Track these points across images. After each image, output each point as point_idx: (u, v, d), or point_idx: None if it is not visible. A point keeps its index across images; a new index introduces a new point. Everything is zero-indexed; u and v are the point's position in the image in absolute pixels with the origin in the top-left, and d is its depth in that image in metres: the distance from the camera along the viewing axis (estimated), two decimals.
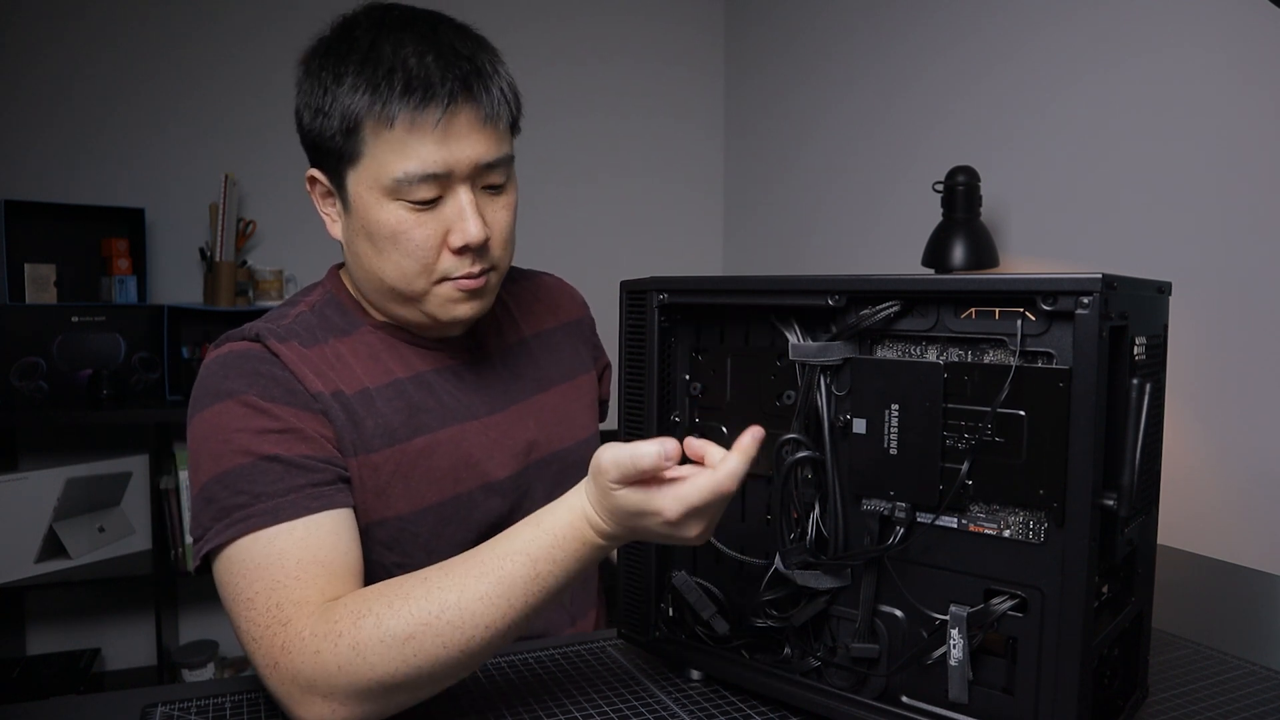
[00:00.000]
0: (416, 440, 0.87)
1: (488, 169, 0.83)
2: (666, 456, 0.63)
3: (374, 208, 0.82)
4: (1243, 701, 0.75)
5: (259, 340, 0.84)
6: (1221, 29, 1.37)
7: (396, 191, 0.80)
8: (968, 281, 0.62)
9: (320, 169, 0.86)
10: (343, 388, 0.85)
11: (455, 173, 0.81)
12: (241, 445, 0.77)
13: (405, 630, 0.66)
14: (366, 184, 0.81)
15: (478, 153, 0.81)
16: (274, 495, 0.75)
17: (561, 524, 0.68)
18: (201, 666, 2.17)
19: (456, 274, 0.84)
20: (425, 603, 0.66)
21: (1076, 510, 0.58)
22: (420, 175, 0.79)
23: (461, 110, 0.80)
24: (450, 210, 0.82)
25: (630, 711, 0.73)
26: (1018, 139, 1.76)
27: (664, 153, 2.83)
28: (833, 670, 0.70)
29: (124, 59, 2.27)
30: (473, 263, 0.84)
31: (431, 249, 0.82)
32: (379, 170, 0.80)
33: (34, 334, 2.07)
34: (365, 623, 0.66)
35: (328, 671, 0.66)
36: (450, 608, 0.66)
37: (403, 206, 0.81)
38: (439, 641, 0.66)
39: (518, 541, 0.68)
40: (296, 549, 0.73)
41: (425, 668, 0.66)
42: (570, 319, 1.09)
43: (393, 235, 0.82)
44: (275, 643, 0.68)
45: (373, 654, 0.65)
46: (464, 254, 0.83)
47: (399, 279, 0.84)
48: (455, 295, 0.85)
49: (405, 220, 0.81)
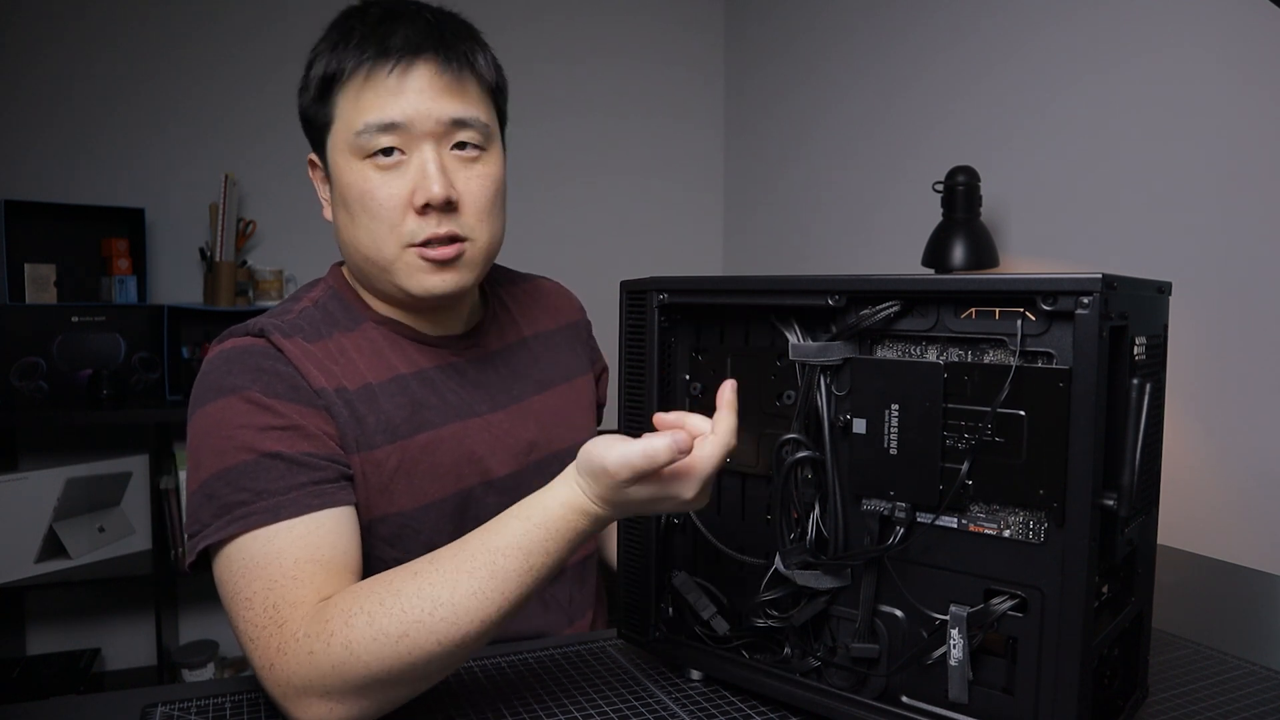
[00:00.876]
0: (419, 436, 0.87)
1: (456, 127, 0.84)
2: (680, 450, 0.64)
3: (345, 170, 0.84)
4: (1243, 701, 0.75)
5: (263, 335, 0.84)
6: (1221, 29, 1.37)
7: (361, 149, 0.83)
8: (968, 281, 0.62)
9: (315, 151, 0.89)
10: (346, 383, 0.85)
11: (413, 125, 0.82)
12: (244, 442, 0.77)
13: (398, 628, 0.65)
14: (339, 148, 0.85)
15: (440, 107, 0.82)
16: (276, 493, 0.75)
17: (554, 518, 0.68)
18: (201, 666, 2.17)
19: (420, 237, 0.83)
20: (417, 599, 0.66)
21: (1076, 510, 0.58)
22: (377, 125, 0.81)
23: (422, 64, 0.82)
24: (414, 168, 0.83)
25: (630, 711, 0.73)
26: (1018, 139, 1.76)
27: (664, 153, 2.83)
28: (833, 670, 0.70)
29: (124, 59, 2.27)
30: (439, 224, 0.83)
31: (396, 209, 0.83)
32: (345, 129, 0.83)
33: (34, 334, 2.07)
34: (357, 621, 0.66)
35: (322, 671, 0.66)
36: (443, 604, 0.66)
37: (369, 165, 0.83)
38: (433, 638, 0.66)
39: (508, 535, 0.68)
40: (295, 548, 0.73)
41: (420, 663, 0.66)
42: (568, 321, 1.10)
43: (360, 196, 0.83)
44: (271, 644, 0.68)
45: (366, 652, 0.65)
46: (428, 214, 0.83)
47: (370, 245, 0.85)
48: (423, 265, 0.84)
49: (371, 179, 0.83)
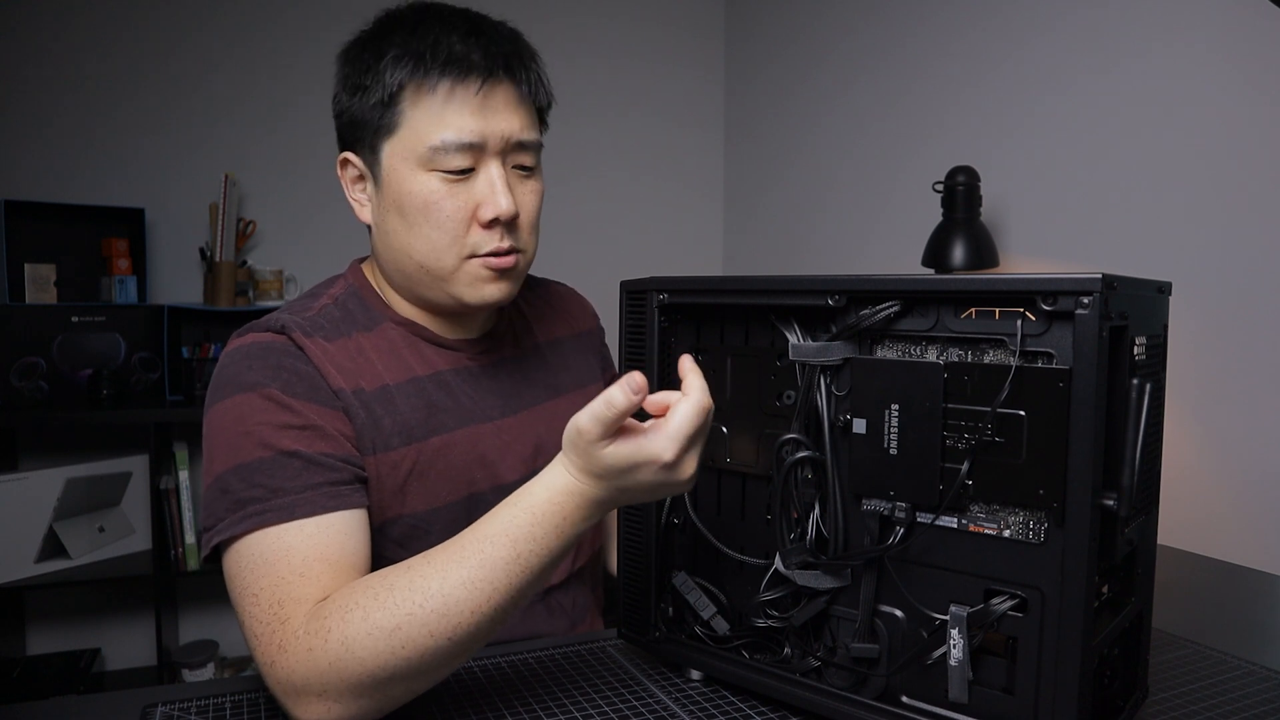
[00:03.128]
0: (433, 439, 0.88)
1: (519, 149, 0.86)
2: (635, 390, 0.62)
3: (407, 179, 0.84)
4: (1243, 701, 0.75)
5: (284, 332, 0.84)
6: (1221, 29, 1.37)
7: (431, 161, 0.82)
8: (968, 281, 0.62)
9: (354, 149, 0.88)
10: (364, 384, 0.85)
11: (489, 145, 0.83)
12: (261, 438, 0.77)
13: (391, 622, 0.65)
14: (401, 155, 0.84)
15: (513, 128, 0.84)
16: (291, 491, 0.75)
17: (539, 501, 0.67)
18: (201, 666, 2.17)
19: (484, 250, 0.84)
20: (409, 592, 0.66)
21: (1076, 510, 0.58)
22: (456, 144, 0.82)
23: (500, 85, 0.84)
24: (481, 184, 0.84)
25: (630, 711, 0.73)
26: (1018, 139, 1.76)
27: (664, 153, 2.83)
28: (833, 670, 0.70)
29: (124, 59, 2.27)
30: (501, 238, 0.85)
31: (461, 221, 0.84)
32: (415, 140, 0.83)
33: (34, 334, 2.07)
34: (352, 616, 0.66)
35: (320, 669, 0.65)
36: (434, 595, 0.65)
37: (435, 177, 0.83)
38: (425, 630, 0.65)
39: (497, 523, 0.67)
40: (304, 546, 0.73)
41: (414, 658, 0.65)
42: (582, 329, 1.10)
43: (424, 206, 0.83)
44: (274, 641, 0.68)
45: (361, 648, 0.65)
46: (493, 228, 0.84)
47: (428, 254, 0.85)
48: (483, 274, 0.86)
49: (437, 191, 0.83)
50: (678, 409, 0.65)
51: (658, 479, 0.66)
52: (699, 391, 0.66)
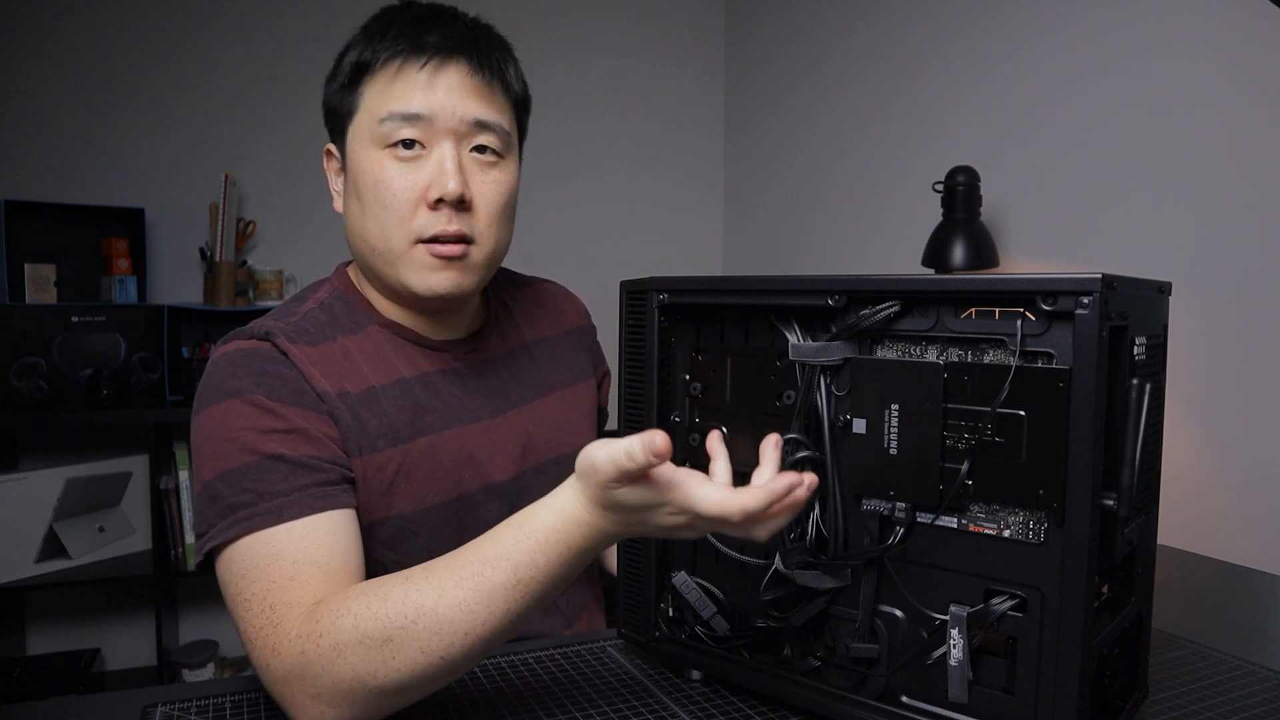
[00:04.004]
0: (420, 440, 0.87)
1: (477, 129, 0.85)
2: (655, 453, 0.57)
3: (362, 158, 0.85)
4: (1243, 701, 0.75)
5: (268, 339, 0.84)
6: (1221, 29, 1.37)
7: (382, 137, 0.84)
8: (968, 281, 0.62)
9: (334, 140, 0.91)
10: (349, 387, 0.85)
11: (438, 120, 0.83)
12: (247, 444, 0.77)
13: (383, 633, 0.64)
14: (359, 137, 0.86)
15: (465, 106, 0.84)
16: (278, 494, 0.75)
17: (544, 527, 0.65)
18: (201, 666, 2.17)
19: (430, 232, 0.84)
20: (403, 605, 0.65)
21: (1076, 510, 0.58)
22: (401, 114, 0.83)
23: (452, 63, 0.84)
24: (432, 163, 0.84)
25: (630, 711, 0.73)
26: (1018, 139, 1.76)
27: (664, 153, 2.83)
28: (833, 670, 0.70)
29: (124, 59, 2.27)
30: (449, 221, 0.84)
31: (409, 201, 0.84)
32: (368, 118, 0.85)
33: (34, 334, 2.07)
34: (344, 623, 0.65)
35: (313, 672, 0.65)
36: (428, 613, 0.64)
37: (388, 156, 0.84)
38: (416, 646, 0.64)
39: (499, 546, 0.66)
40: (294, 549, 0.73)
41: (405, 670, 0.64)
42: (572, 326, 1.09)
43: (375, 185, 0.84)
44: (268, 644, 0.68)
45: (352, 654, 0.64)
46: (440, 209, 0.84)
47: (379, 236, 0.85)
48: (430, 261, 0.85)
49: (388, 168, 0.84)
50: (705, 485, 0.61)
51: (673, 523, 0.63)
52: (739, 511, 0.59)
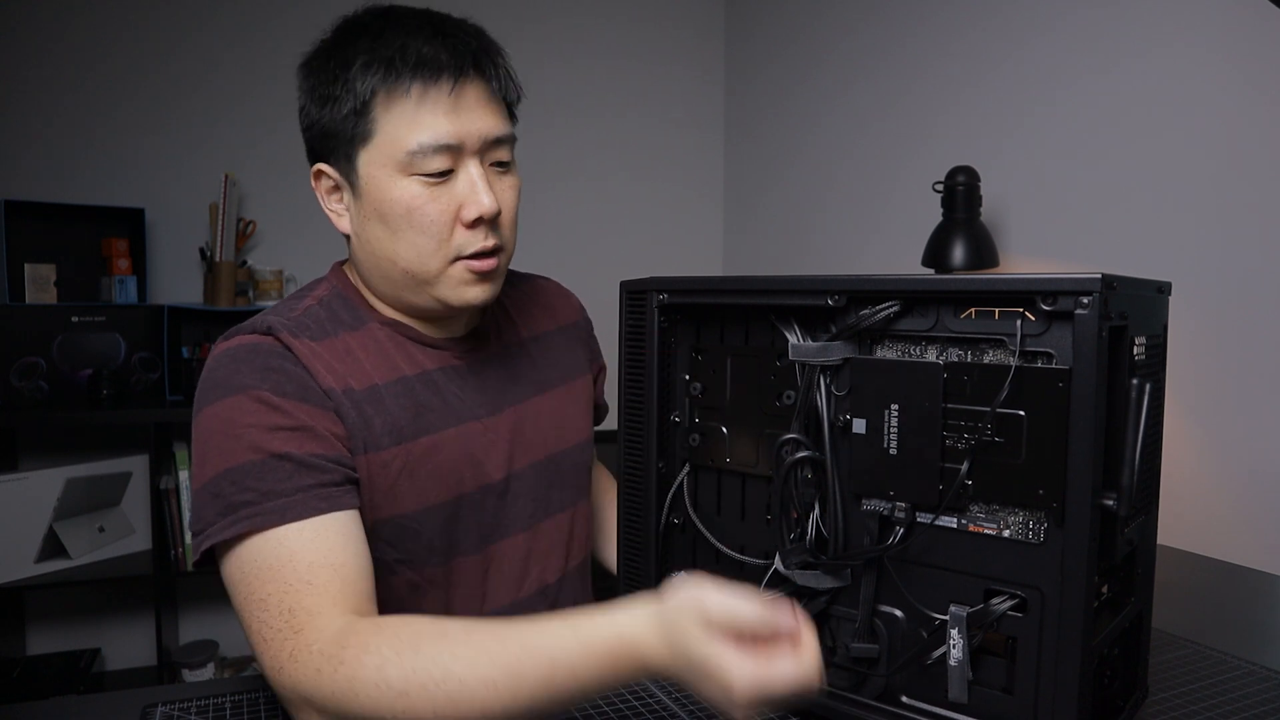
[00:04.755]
0: (422, 439, 0.87)
1: (495, 145, 0.85)
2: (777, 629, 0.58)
3: (387, 186, 0.83)
4: (1243, 701, 0.75)
5: (271, 333, 0.83)
6: (1221, 29, 1.37)
7: (409, 166, 0.82)
8: (968, 281, 0.62)
9: (328, 160, 0.87)
10: (353, 384, 0.85)
11: (466, 145, 0.83)
12: (252, 441, 0.76)
13: (401, 685, 0.64)
14: (379, 163, 0.83)
15: (487, 126, 0.84)
16: (282, 494, 0.74)
17: (598, 639, 0.63)
18: (201, 666, 2.17)
19: (470, 250, 0.84)
20: (431, 665, 0.64)
21: (1076, 510, 0.58)
22: (433, 146, 0.81)
23: (470, 84, 0.83)
24: (462, 184, 0.83)
25: (630, 711, 0.73)
26: (1018, 139, 1.76)
27: (664, 153, 2.83)
28: (833, 670, 0.70)
29: (124, 59, 2.27)
30: (486, 237, 0.85)
31: (445, 224, 0.83)
32: (391, 146, 0.82)
33: (34, 334, 2.06)
34: (368, 660, 0.65)
35: (322, 693, 0.66)
36: (452, 679, 0.63)
37: (416, 182, 0.82)
38: (431, 706, 0.63)
39: (545, 637, 0.64)
40: (307, 551, 0.72)
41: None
42: (567, 322, 1.10)
43: (407, 212, 0.83)
44: (285, 649, 0.68)
45: (364, 694, 0.64)
46: (477, 227, 0.84)
47: (413, 259, 0.84)
48: (468, 277, 0.86)
49: (419, 196, 0.82)
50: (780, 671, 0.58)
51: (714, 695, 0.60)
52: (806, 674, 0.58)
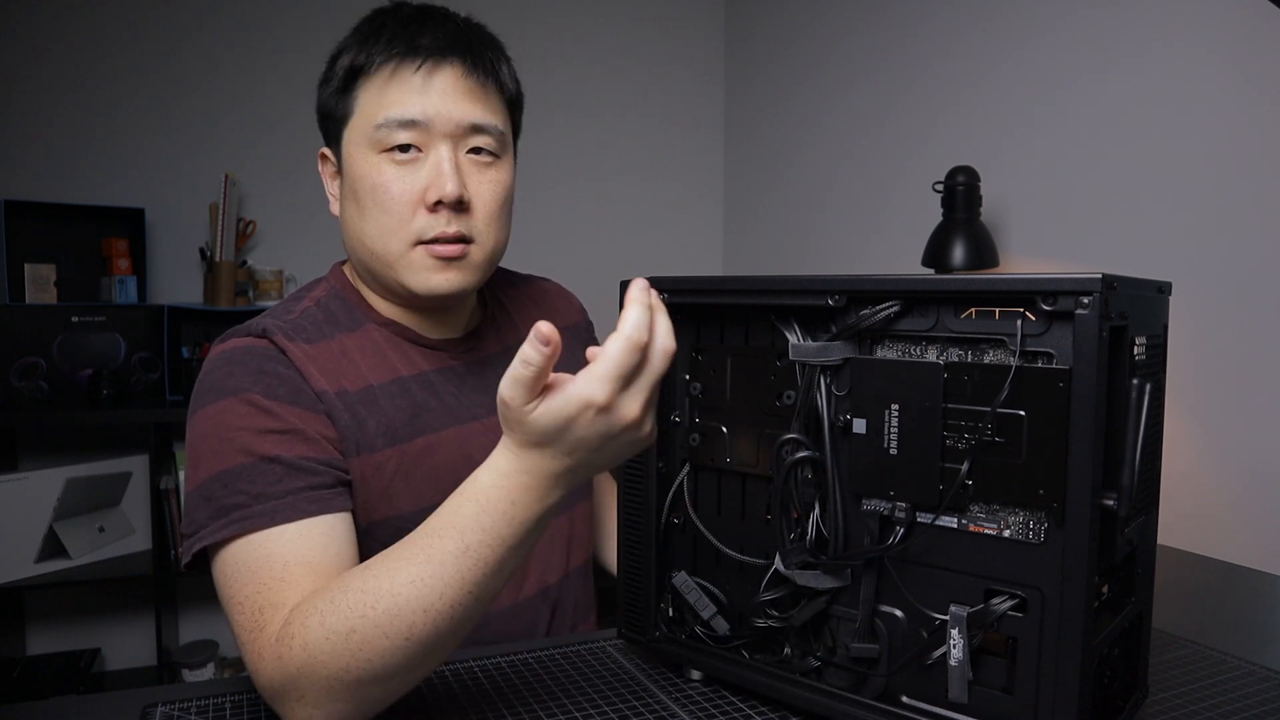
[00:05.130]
0: (418, 440, 0.87)
1: (475, 133, 0.85)
2: (544, 340, 0.57)
3: (359, 162, 0.85)
4: (1243, 701, 0.75)
5: (266, 336, 0.84)
6: (1221, 29, 1.37)
7: (379, 142, 0.84)
8: (968, 281, 0.62)
9: (328, 144, 0.90)
10: (347, 386, 0.85)
11: (434, 125, 0.83)
12: (243, 444, 0.77)
13: (346, 625, 0.63)
14: (355, 141, 0.86)
15: (462, 110, 0.84)
16: (273, 496, 0.75)
17: (483, 487, 0.62)
18: (201, 666, 2.17)
19: (430, 234, 0.84)
20: (361, 594, 0.63)
21: (1076, 510, 0.58)
22: (398, 120, 0.83)
23: (446, 65, 0.84)
24: (430, 166, 0.84)
25: (630, 711, 0.73)
26: (1018, 139, 1.76)
27: (664, 153, 2.83)
28: (833, 670, 0.70)
29: (124, 59, 2.27)
30: (448, 222, 0.84)
31: (407, 204, 0.84)
32: (364, 122, 0.85)
33: (34, 334, 2.07)
34: (311, 621, 0.64)
35: (289, 674, 0.64)
36: (384, 596, 0.62)
37: (385, 160, 0.84)
38: (379, 632, 0.62)
39: (443, 516, 0.64)
40: (284, 552, 0.72)
41: (376, 660, 0.63)
42: (569, 324, 1.09)
43: (373, 189, 0.84)
44: (254, 648, 0.68)
45: (320, 652, 0.63)
46: (439, 211, 0.84)
47: (377, 238, 0.85)
48: (429, 262, 0.85)
49: (386, 173, 0.84)
50: (606, 345, 0.59)
51: (601, 429, 0.60)
52: (631, 326, 0.59)
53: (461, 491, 0.64)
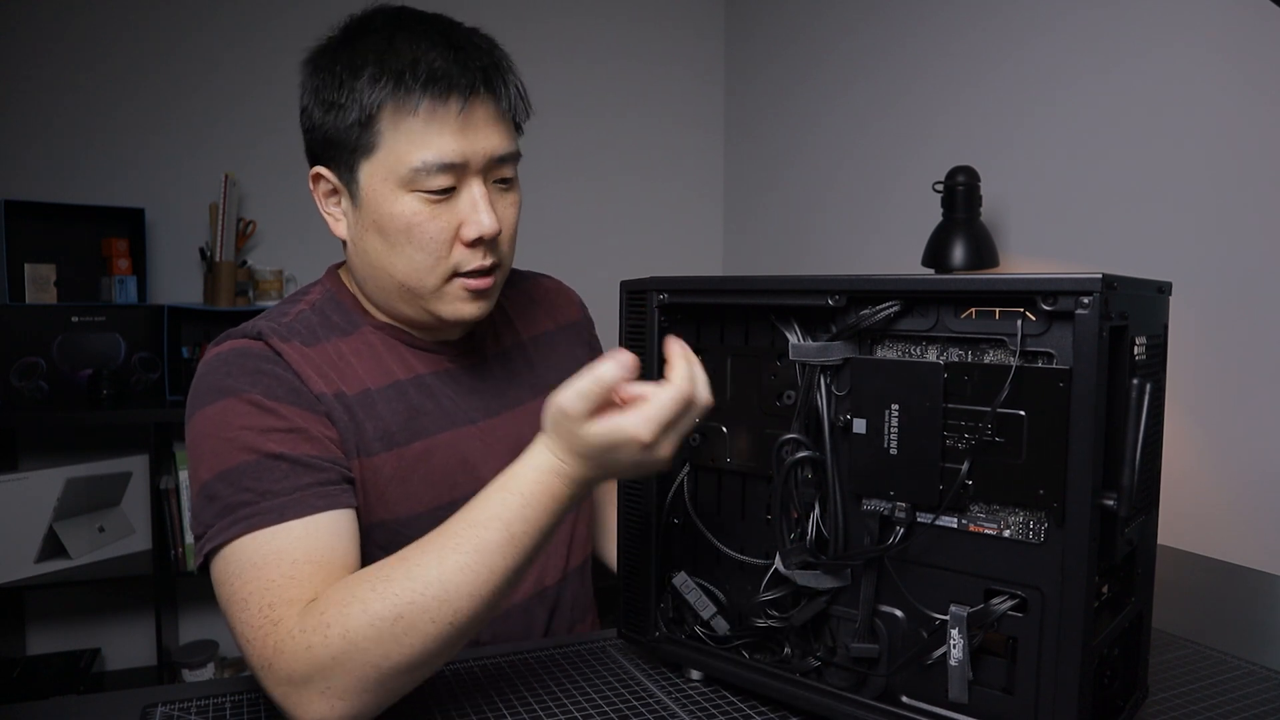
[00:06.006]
0: (415, 444, 0.87)
1: (499, 163, 0.85)
2: (626, 368, 0.66)
3: (388, 200, 0.82)
4: (1243, 701, 0.75)
5: (261, 338, 0.83)
6: (1221, 29, 1.37)
7: (412, 182, 0.81)
8: (968, 281, 0.62)
9: (328, 165, 0.86)
10: (344, 388, 0.84)
11: (471, 164, 0.82)
12: (246, 443, 0.76)
13: (393, 611, 0.65)
14: (381, 176, 0.82)
15: (493, 145, 0.83)
16: (281, 493, 0.74)
17: (529, 483, 0.69)
18: (201, 666, 2.17)
19: (467, 268, 0.84)
20: (408, 581, 0.66)
21: (1076, 510, 0.58)
22: (438, 165, 0.80)
23: (480, 103, 0.82)
24: (464, 203, 0.83)
25: (630, 711, 0.73)
26: (1018, 139, 1.76)
27: (664, 153, 2.83)
28: (833, 670, 0.70)
29: (124, 59, 2.27)
30: (484, 256, 0.85)
31: (444, 242, 0.83)
32: (395, 161, 0.81)
33: (34, 334, 2.07)
34: (352, 610, 0.65)
35: (322, 666, 0.64)
36: (433, 582, 0.66)
37: (417, 199, 0.82)
38: (427, 617, 0.65)
39: (488, 508, 0.69)
40: (293, 548, 0.72)
41: (419, 646, 0.65)
42: (568, 321, 1.09)
43: (407, 228, 0.82)
44: (268, 644, 0.67)
45: (364, 639, 0.64)
46: (476, 247, 0.84)
47: (410, 274, 0.84)
48: (464, 294, 0.86)
49: (420, 213, 0.82)
50: (659, 394, 0.67)
51: (636, 458, 0.68)
52: (682, 381, 0.68)
53: (504, 486, 0.69)
